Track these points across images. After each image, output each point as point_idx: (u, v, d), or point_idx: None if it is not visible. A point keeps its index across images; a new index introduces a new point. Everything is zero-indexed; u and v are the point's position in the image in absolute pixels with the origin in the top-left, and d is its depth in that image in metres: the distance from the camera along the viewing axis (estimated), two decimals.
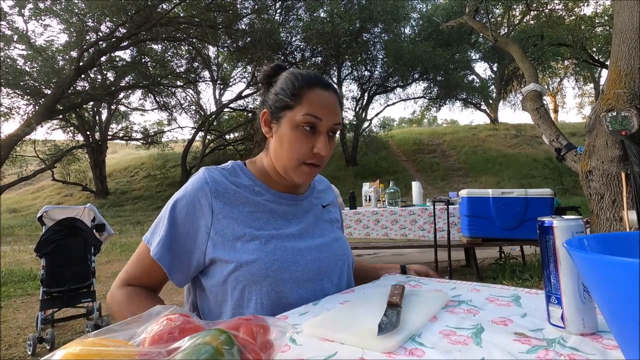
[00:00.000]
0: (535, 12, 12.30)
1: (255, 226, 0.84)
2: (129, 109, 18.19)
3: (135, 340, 0.41)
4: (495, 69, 21.57)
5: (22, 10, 11.28)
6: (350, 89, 29.88)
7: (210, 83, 17.78)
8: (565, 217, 0.56)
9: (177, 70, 15.10)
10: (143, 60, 14.21)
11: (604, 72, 16.26)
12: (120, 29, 12.07)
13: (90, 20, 11.99)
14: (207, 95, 75.43)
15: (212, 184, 0.84)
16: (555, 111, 26.00)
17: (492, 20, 13.72)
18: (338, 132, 0.91)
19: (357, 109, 17.93)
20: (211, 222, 0.82)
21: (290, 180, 0.88)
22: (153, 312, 0.45)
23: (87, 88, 13.60)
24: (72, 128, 15.97)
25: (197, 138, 16.71)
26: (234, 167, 0.92)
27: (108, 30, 12.29)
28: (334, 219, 1.02)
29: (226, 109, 17.17)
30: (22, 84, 11.41)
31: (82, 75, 12.62)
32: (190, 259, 0.82)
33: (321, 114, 0.82)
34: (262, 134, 0.91)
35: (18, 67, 11.42)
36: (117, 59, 14.21)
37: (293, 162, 0.84)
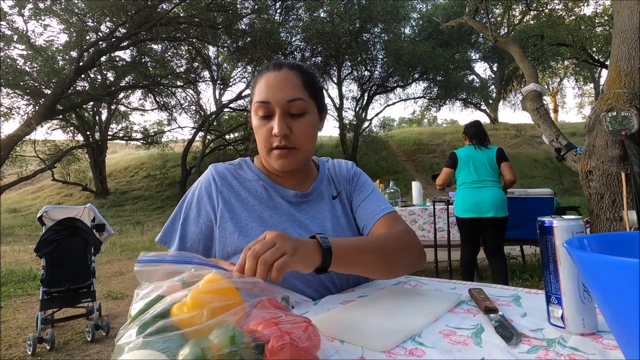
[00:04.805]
0: (535, 12, 12.30)
1: (259, 221, 0.85)
2: (129, 109, 18.19)
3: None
4: (495, 69, 21.57)
5: (22, 10, 11.28)
6: (350, 89, 29.93)
7: (210, 83, 17.78)
8: (565, 217, 0.56)
9: (177, 70, 15.09)
10: (143, 60, 14.20)
11: (604, 72, 16.26)
12: (120, 29, 12.06)
13: (90, 20, 11.98)
14: (207, 95, 75.50)
15: (218, 180, 0.89)
16: (555, 111, 26.02)
17: (492, 20, 13.72)
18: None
19: (357, 109, 17.93)
20: (217, 217, 0.85)
21: (274, 170, 0.89)
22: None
23: (87, 88, 13.59)
24: (72, 128, 15.95)
25: (197, 138, 16.71)
26: (240, 163, 0.95)
27: (108, 30, 12.28)
28: (343, 211, 0.96)
29: (226, 109, 17.16)
30: (22, 84, 11.40)
31: (82, 75, 12.62)
32: (206, 255, 0.86)
33: (268, 96, 0.82)
34: None
35: (18, 67, 11.41)
36: (117, 59, 14.20)
37: (264, 151, 0.86)
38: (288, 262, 0.57)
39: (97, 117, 17.09)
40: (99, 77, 14.73)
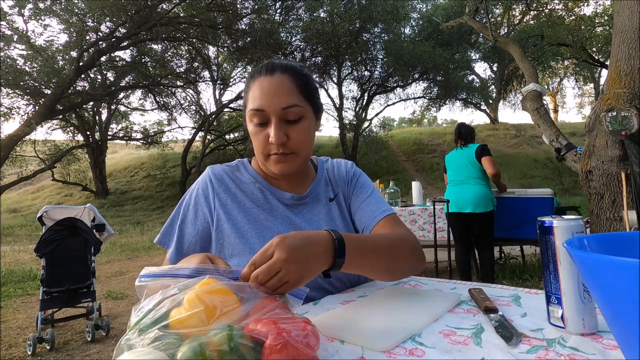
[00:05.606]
0: (535, 12, 12.30)
1: (255, 224, 0.86)
2: (129, 109, 18.20)
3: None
4: (495, 69, 21.57)
5: (22, 10, 11.28)
6: (350, 89, 29.92)
7: (210, 83, 17.79)
8: (565, 217, 0.56)
9: (177, 70, 15.09)
10: (143, 60, 14.20)
11: (604, 72, 16.25)
12: (120, 29, 12.06)
13: (90, 20, 11.98)
14: (207, 95, 75.62)
15: (215, 182, 0.89)
16: (555, 111, 26.02)
17: (492, 20, 13.73)
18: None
19: (357, 109, 17.93)
20: (214, 219, 0.86)
21: (271, 174, 0.89)
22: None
23: (87, 88, 13.60)
24: (72, 128, 15.96)
25: (197, 138, 16.73)
26: (238, 165, 0.95)
27: (108, 30, 12.29)
28: (339, 213, 0.95)
29: (226, 109, 17.17)
30: (22, 84, 11.41)
31: (82, 75, 12.62)
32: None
33: (262, 103, 0.80)
34: None
35: (18, 67, 11.41)
36: (117, 59, 14.21)
37: (261, 156, 0.85)
38: (288, 290, 0.57)
39: (97, 117, 17.10)
40: (99, 77, 14.74)
